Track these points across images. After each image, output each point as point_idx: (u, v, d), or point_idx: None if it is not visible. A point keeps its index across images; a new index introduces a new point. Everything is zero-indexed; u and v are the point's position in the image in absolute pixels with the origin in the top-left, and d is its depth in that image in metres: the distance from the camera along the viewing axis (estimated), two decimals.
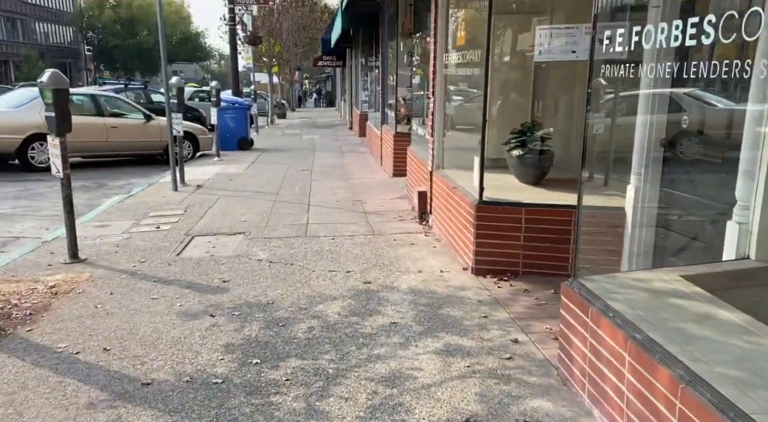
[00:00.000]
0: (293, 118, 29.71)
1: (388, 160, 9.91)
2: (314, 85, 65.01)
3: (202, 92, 23.97)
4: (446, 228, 5.22)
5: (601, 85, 3.19)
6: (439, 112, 5.68)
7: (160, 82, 38.13)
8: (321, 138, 17.68)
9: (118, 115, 12.15)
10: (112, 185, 9.82)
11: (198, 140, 12.88)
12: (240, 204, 7.55)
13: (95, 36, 59.18)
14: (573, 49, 3.82)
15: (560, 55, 3.89)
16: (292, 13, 23.27)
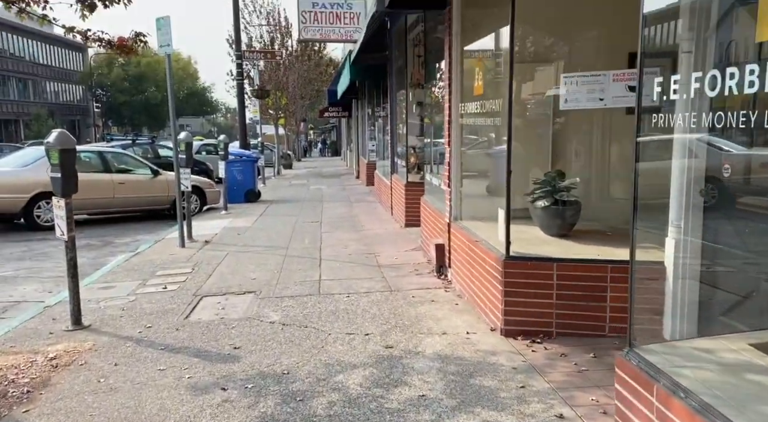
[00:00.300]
0: (299, 168, 29.87)
1: (399, 210, 9.72)
2: (319, 135, 65.97)
3: (209, 145, 24.15)
4: (468, 284, 4.95)
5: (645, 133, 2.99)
6: (456, 162, 5.51)
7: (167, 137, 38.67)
8: (328, 188, 17.61)
9: (126, 171, 12.10)
10: (118, 243, 9.63)
11: (205, 193, 12.78)
12: (249, 260, 7.31)
13: (104, 93, 60.63)
14: (600, 96, 3.67)
15: (587, 102, 3.73)
16: (298, 67, 23.74)
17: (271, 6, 23.84)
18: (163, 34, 7.89)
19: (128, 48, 4.69)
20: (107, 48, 4.75)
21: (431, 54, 7.43)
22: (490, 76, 4.78)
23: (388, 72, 10.48)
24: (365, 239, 8.58)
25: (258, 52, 19.12)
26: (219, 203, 13.06)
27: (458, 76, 5.36)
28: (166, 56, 8.00)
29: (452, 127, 5.47)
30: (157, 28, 7.94)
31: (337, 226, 9.91)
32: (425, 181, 7.62)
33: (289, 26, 24.20)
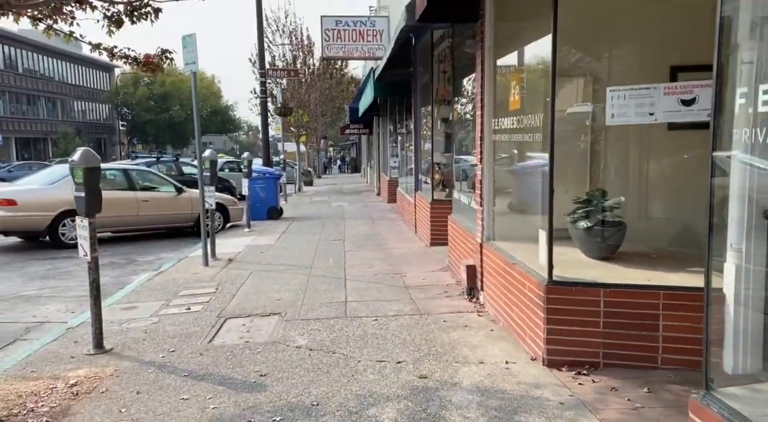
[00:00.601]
0: (320, 185, 29.87)
1: (424, 228, 9.51)
2: (338, 152, 66.28)
3: (231, 163, 24.31)
4: (504, 309, 4.70)
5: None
6: (488, 179, 5.30)
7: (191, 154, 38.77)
8: (350, 205, 17.48)
9: (150, 188, 12.12)
10: (142, 261, 9.56)
11: (228, 211, 12.73)
12: (273, 280, 7.15)
13: (129, 112, 61.83)
14: (650, 111, 3.45)
15: (636, 117, 3.51)
16: (320, 85, 23.83)
17: (294, 25, 23.96)
18: (189, 52, 7.87)
19: (154, 65, 4.61)
20: (133, 65, 4.68)
21: (458, 69, 7.27)
22: (526, 90, 4.58)
23: (413, 88, 10.36)
24: (390, 258, 8.37)
25: (281, 71, 19.23)
26: (242, 221, 12.99)
27: (491, 91, 5.17)
28: (192, 74, 7.97)
29: (484, 143, 5.28)
30: (183, 45, 7.93)
31: (361, 244, 9.72)
32: (453, 199, 7.40)
33: (311, 45, 24.38)
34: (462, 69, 7.20)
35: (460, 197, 6.89)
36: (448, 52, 8.85)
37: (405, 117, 12.79)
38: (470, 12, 5.24)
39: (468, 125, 7.27)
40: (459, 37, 7.17)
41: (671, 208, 5.31)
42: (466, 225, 6.36)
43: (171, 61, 4.72)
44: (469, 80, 7.13)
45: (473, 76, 6.82)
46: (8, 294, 7.22)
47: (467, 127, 7.28)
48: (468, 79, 7.19)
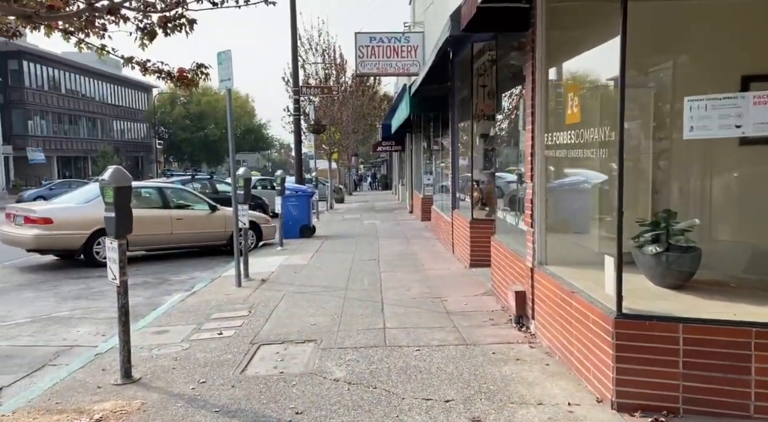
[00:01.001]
0: (351, 202, 29.72)
1: (462, 248, 9.11)
2: (368, 169, 66.33)
3: (264, 180, 24.36)
4: (561, 341, 4.28)
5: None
6: (540, 198, 4.92)
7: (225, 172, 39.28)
8: (382, 223, 17.19)
9: (184, 206, 12.06)
10: (174, 280, 9.42)
11: (261, 229, 12.58)
12: (307, 302, 6.85)
13: (166, 131, 63.28)
14: (737, 123, 3.04)
15: (719, 130, 3.10)
16: (353, 102, 23.79)
17: (327, 43, 24.06)
18: (224, 69, 7.75)
19: (188, 80, 4.42)
20: (167, 80, 4.51)
21: (501, 83, 6.94)
22: (583, 103, 4.22)
23: (450, 104, 10.06)
24: (428, 280, 8.00)
25: (314, 88, 19.21)
26: (274, 239, 12.82)
27: (542, 103, 4.82)
28: (227, 91, 7.84)
29: (535, 160, 4.91)
30: (218, 62, 7.81)
31: (396, 265, 9.38)
32: (496, 218, 7.01)
33: (344, 63, 24.44)
34: (505, 82, 6.86)
35: (504, 216, 6.51)
36: (489, 65, 8.53)
37: (440, 133, 12.49)
38: (520, 21, 4.91)
39: (511, 141, 6.90)
40: (503, 49, 6.85)
41: (742, 230, 4.82)
42: (512, 247, 5.96)
43: (206, 77, 4.53)
44: (513, 94, 6.78)
45: (518, 90, 6.48)
46: (41, 315, 7.11)
47: (511, 143, 6.91)
48: (511, 94, 6.84)
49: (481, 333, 5.30)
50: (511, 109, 6.94)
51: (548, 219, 4.94)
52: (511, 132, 6.94)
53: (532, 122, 4.91)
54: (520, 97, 6.27)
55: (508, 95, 6.95)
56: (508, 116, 7.00)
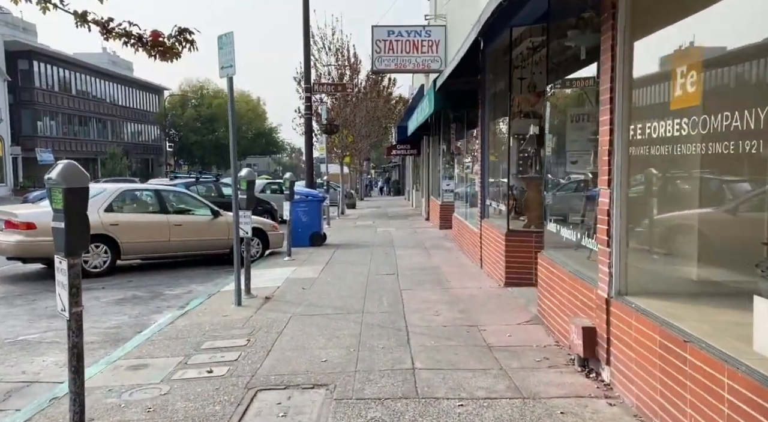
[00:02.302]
0: (363, 207, 28.65)
1: (494, 264, 7.99)
2: (379, 173, 65.22)
3: (274, 184, 23.36)
4: (663, 404, 3.15)
5: None
6: (621, 210, 3.80)
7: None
8: (397, 231, 16.08)
9: (183, 211, 11.06)
10: (168, 295, 8.38)
11: (268, 236, 11.54)
12: (317, 329, 5.77)
13: (176, 133, 62.68)
14: None
15: None
16: (367, 104, 22.75)
17: (340, 42, 23.06)
18: (225, 54, 6.72)
19: (166, 48, 3.39)
20: (137, 46, 3.47)
21: (553, 70, 5.82)
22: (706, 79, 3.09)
23: (480, 100, 8.96)
24: (458, 301, 6.88)
25: (328, 86, 18.17)
26: (282, 247, 11.78)
27: (625, 85, 3.71)
28: (228, 79, 6.81)
29: (614, 159, 3.79)
30: (219, 47, 6.78)
31: (419, 281, 8.26)
32: (545, 231, 5.88)
33: (357, 63, 23.43)
34: (557, 70, 5.76)
35: (559, 229, 5.37)
36: (529, 53, 7.44)
37: (465, 134, 11.38)
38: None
39: (564, 140, 5.79)
40: (555, 30, 5.74)
41: None
42: (571, 268, 4.84)
43: (191, 46, 3.48)
44: (568, 83, 5.67)
45: (576, 76, 5.37)
46: (6, 338, 6.08)
47: (564, 142, 5.80)
48: (565, 82, 5.73)
49: (538, 379, 4.18)
50: (565, 101, 5.83)
51: (631, 236, 3.81)
52: (563, 129, 5.83)
53: (610, 111, 3.80)
54: (582, 86, 5.17)
55: (561, 84, 5.84)
56: (561, 110, 5.88)
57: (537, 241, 7.12)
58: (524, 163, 7.91)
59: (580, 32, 5.11)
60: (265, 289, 7.92)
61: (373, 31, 13.15)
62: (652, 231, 3.86)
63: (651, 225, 3.90)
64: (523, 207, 7.64)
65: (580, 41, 5.08)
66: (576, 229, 5.02)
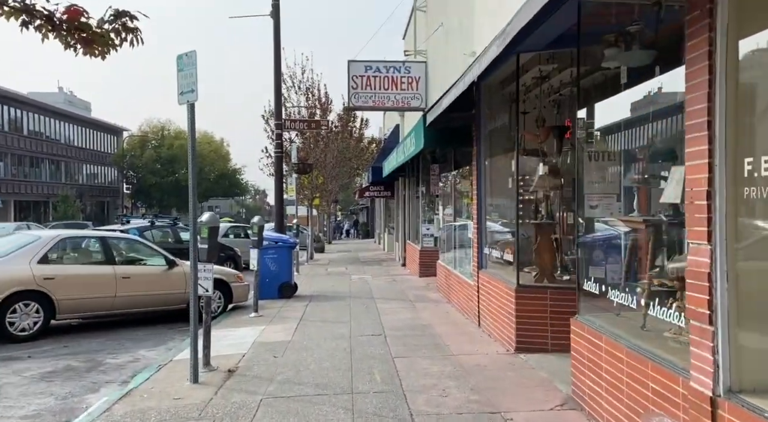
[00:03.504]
0: (332, 251, 27.33)
1: (499, 323, 6.88)
2: (346, 216, 63.99)
3: (237, 227, 21.91)
4: None
5: None
6: (731, 274, 2.77)
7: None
8: (374, 279, 14.86)
9: (134, 261, 9.65)
10: (110, 364, 6.93)
11: (231, 288, 10.19)
12: (297, 420, 4.49)
13: (135, 175, 60.46)
14: None
15: None
16: (338, 144, 21.83)
17: (311, 81, 22.28)
18: (185, 77, 5.61)
19: (89, 34, 2.27)
20: (46, 28, 2.34)
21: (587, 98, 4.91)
22: None
23: (475, 137, 8.05)
24: (466, 375, 5.69)
25: (300, 122, 17.13)
26: (247, 300, 10.43)
27: (729, 105, 2.76)
28: (188, 106, 5.67)
29: (715, 204, 2.80)
30: (179, 68, 5.68)
31: (412, 345, 7.05)
32: (578, 289, 4.82)
33: (329, 102, 22.63)
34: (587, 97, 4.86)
35: (610, 293, 4.29)
36: (537, 82, 6.61)
37: (453, 174, 10.44)
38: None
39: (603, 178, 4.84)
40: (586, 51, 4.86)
41: None
42: (629, 344, 3.78)
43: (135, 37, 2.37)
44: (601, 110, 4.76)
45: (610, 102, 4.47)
46: None
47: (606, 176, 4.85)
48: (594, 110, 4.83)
49: None
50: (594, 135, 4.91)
51: (744, 308, 2.78)
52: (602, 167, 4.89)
53: (708, 140, 2.83)
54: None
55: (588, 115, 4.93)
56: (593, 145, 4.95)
57: (553, 299, 6.10)
58: (532, 206, 6.95)
59: (621, 50, 4.23)
60: (228, 357, 6.58)
61: (349, 66, 12.29)
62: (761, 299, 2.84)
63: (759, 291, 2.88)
64: (534, 257, 6.61)
65: (624, 61, 4.19)
66: (633, 291, 3.98)
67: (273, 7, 13.21)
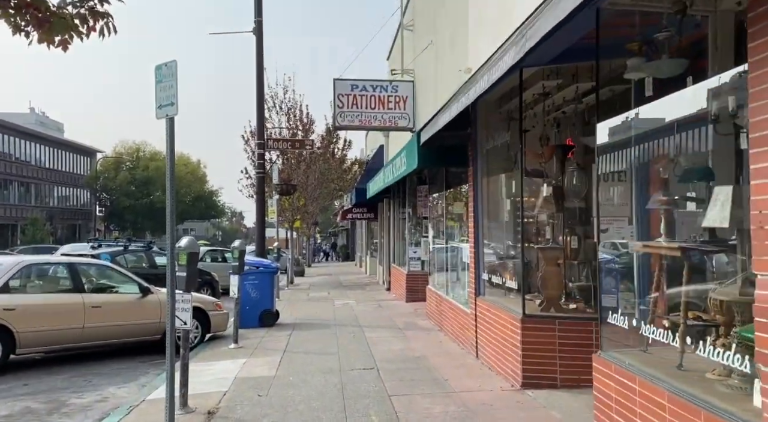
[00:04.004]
0: (312, 275, 26.64)
1: (501, 356, 6.42)
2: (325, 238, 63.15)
3: (215, 251, 21.17)
4: None
5: None
6: None
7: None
8: (359, 305, 14.29)
9: (105, 289, 8.99)
10: (74, 405, 6.26)
11: (210, 317, 9.55)
12: None
13: (108, 197, 59.02)
14: None
15: None
16: (321, 165, 21.36)
17: (292, 102, 21.89)
18: (165, 89, 5.13)
19: (46, 14, 1.80)
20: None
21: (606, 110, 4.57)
22: None
23: (471, 156, 7.69)
24: (473, 415, 5.18)
25: (284, 141, 16.63)
26: (226, 330, 9.80)
27: None
28: (168, 121, 5.18)
29: None
30: (157, 79, 5.20)
31: (408, 380, 6.52)
32: (600, 321, 4.38)
33: (311, 123, 22.22)
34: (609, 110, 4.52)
35: (636, 325, 3.84)
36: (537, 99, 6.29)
37: (445, 194, 10.04)
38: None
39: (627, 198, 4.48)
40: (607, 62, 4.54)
41: None
42: (670, 387, 3.34)
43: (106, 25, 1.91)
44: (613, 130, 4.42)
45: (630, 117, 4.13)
46: None
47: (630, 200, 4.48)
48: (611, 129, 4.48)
49: None
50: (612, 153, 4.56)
51: None
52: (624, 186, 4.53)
53: None
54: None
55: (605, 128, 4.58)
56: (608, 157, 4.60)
57: (562, 330, 5.68)
58: (534, 229, 6.57)
59: (645, 60, 3.90)
60: (207, 396, 5.99)
61: (335, 85, 11.94)
62: None
63: None
64: (540, 284, 6.20)
65: (651, 71, 3.85)
66: (667, 325, 3.57)
67: (256, 24, 12.84)
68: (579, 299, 6.19)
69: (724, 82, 3.25)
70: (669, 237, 3.96)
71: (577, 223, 6.10)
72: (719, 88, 3.32)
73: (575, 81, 5.77)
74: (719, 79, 3.38)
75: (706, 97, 3.43)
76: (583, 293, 6.22)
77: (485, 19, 6.58)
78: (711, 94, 3.37)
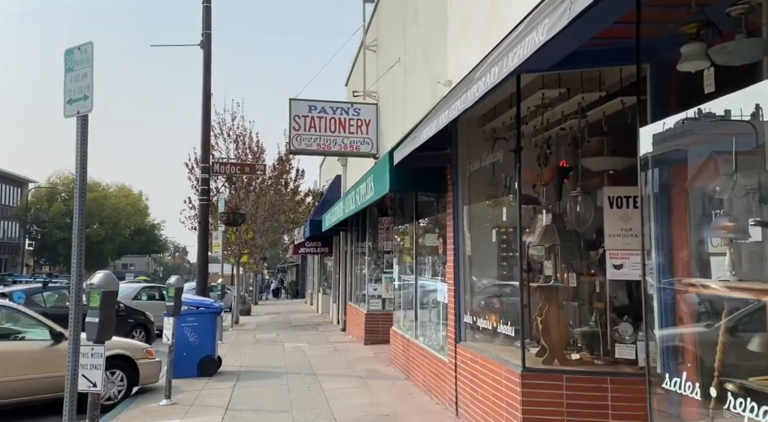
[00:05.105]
0: (259, 313, 24.89)
1: (493, 417, 5.33)
2: (273, 274, 60.87)
3: (151, 287, 19.32)
4: None
5: None
6: None
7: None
8: (312, 348, 12.93)
9: (8, 335, 7.41)
10: None
11: (138, 367, 8.07)
12: None
13: (40, 230, 55.06)
14: None
15: None
16: (272, 196, 20.07)
17: (242, 129, 20.68)
18: (77, 79, 3.96)
19: None
20: None
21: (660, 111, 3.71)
22: None
23: (451, 180, 6.75)
24: None
25: (232, 166, 15.29)
26: (158, 381, 8.32)
27: None
28: (79, 120, 3.98)
29: None
30: (68, 67, 4.01)
31: None
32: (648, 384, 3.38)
33: (261, 151, 20.97)
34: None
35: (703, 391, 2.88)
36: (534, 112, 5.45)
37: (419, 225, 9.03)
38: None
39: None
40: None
41: None
42: None
43: None
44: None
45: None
46: None
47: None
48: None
49: None
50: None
51: None
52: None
53: None
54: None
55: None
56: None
57: (570, 387, 4.68)
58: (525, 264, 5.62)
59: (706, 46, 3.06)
60: None
61: (291, 105, 10.88)
62: None
63: None
64: (540, 330, 5.20)
65: (723, 57, 3.01)
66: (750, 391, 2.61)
67: (204, 37, 11.70)
68: (582, 349, 5.26)
69: None
70: (738, 276, 3.07)
71: (583, 257, 5.22)
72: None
73: (582, 90, 4.97)
74: None
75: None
76: (586, 339, 5.30)
77: (472, 23, 5.76)
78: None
